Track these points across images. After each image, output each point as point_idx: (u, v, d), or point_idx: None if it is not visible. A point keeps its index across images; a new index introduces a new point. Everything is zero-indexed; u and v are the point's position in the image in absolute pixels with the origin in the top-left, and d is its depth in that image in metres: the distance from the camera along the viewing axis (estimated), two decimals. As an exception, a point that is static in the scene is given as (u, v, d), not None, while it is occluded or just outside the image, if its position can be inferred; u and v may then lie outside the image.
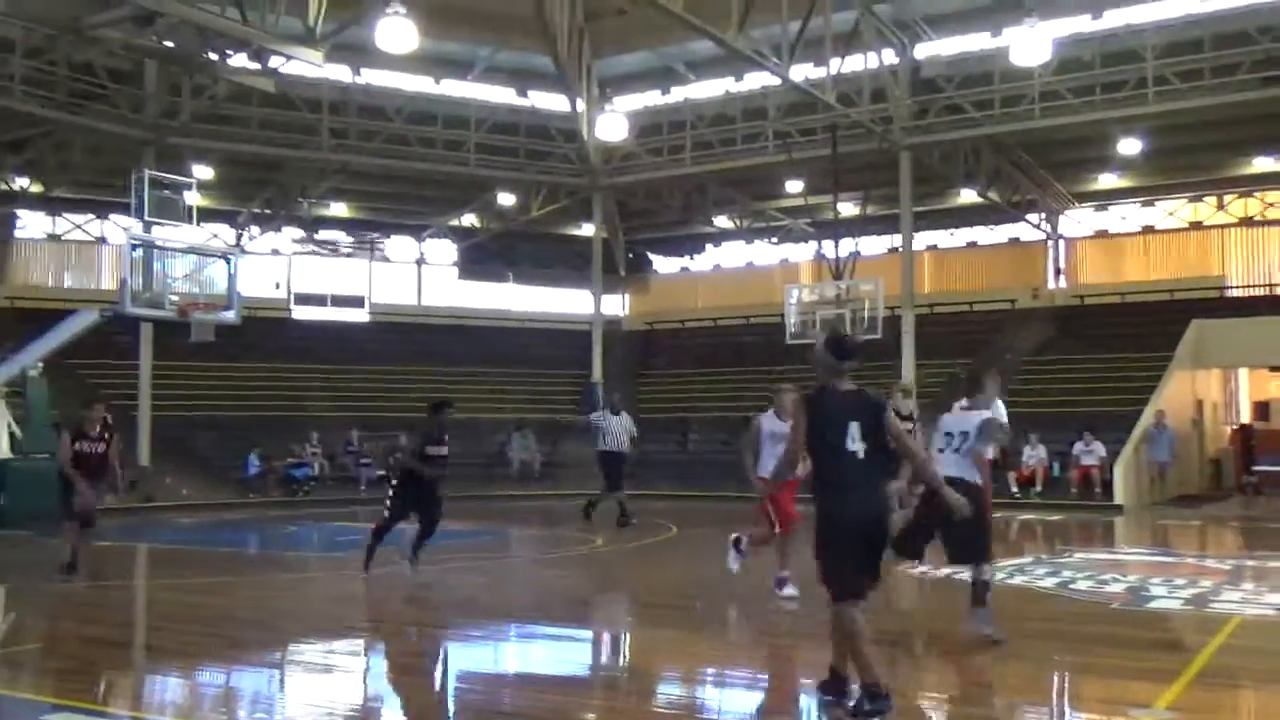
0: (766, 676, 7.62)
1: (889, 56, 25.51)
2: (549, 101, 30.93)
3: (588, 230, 33.19)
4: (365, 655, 8.52)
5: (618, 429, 17.36)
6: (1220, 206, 31.91)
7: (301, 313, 32.69)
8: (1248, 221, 31.73)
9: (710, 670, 7.62)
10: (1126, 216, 33.28)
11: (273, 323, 30.53)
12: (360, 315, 33.84)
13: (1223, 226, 32.12)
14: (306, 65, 21.10)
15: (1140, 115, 24.38)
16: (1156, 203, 32.64)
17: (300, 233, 33.86)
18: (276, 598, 10.95)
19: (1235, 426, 28.48)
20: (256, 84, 21.98)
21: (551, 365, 31.82)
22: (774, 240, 36.04)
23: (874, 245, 32.63)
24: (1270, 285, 30.76)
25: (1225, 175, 30.49)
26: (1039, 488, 22.47)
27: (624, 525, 16.78)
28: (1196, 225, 32.41)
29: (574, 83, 28.05)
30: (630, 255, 36.04)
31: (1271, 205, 31.07)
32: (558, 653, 8.54)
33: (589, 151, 29.87)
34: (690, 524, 17.96)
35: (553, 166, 31.05)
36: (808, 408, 5.93)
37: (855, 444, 5.73)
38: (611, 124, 26.64)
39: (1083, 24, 24.47)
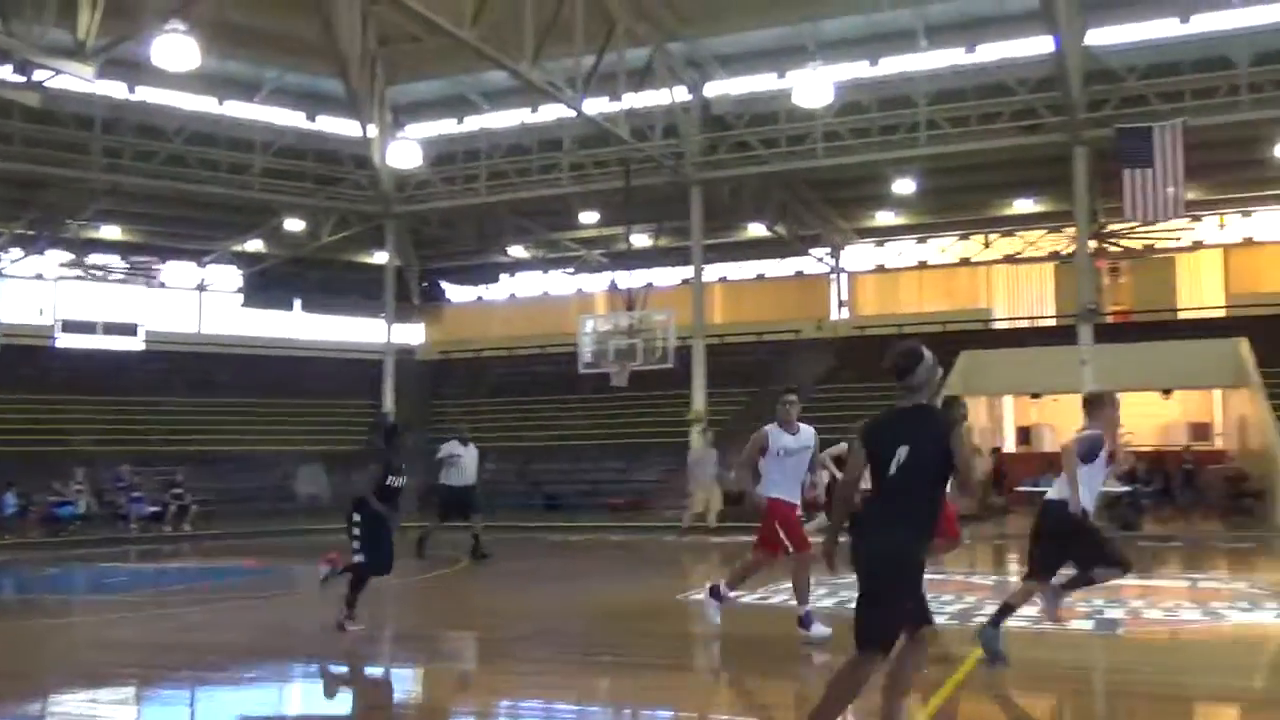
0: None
1: (681, 93, 26.18)
2: (340, 126, 30.32)
3: (380, 258, 32.62)
4: (135, 704, 8.03)
5: (469, 461, 16.68)
6: (987, 244, 34.05)
7: (68, 341, 30.85)
8: (1011, 259, 33.95)
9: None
10: (903, 252, 35.09)
11: (35, 351, 28.67)
12: (134, 343, 32.16)
13: (989, 263, 34.30)
14: (76, 80, 19.99)
15: (913, 157, 25.84)
16: (930, 240, 34.56)
17: (68, 256, 31.96)
18: (31, 645, 10.20)
19: (1002, 450, 30.29)
20: (19, 98, 20.66)
21: (340, 395, 31.04)
22: (569, 270, 36.29)
23: (667, 277, 33.32)
24: (1032, 318, 32.94)
25: (991, 215, 32.58)
26: (822, 513, 23.25)
27: (482, 558, 16.28)
28: (966, 261, 34.48)
29: (366, 108, 27.58)
30: (424, 284, 35.63)
31: (1032, 244, 33.32)
32: (319, 693, 8.27)
33: (381, 178, 29.39)
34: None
35: (343, 193, 30.42)
36: (861, 435, 5.31)
37: (895, 470, 5.02)
38: (404, 151, 26.32)
39: (862, 70, 25.76)
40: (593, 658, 8.86)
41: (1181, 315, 31.80)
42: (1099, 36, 23.49)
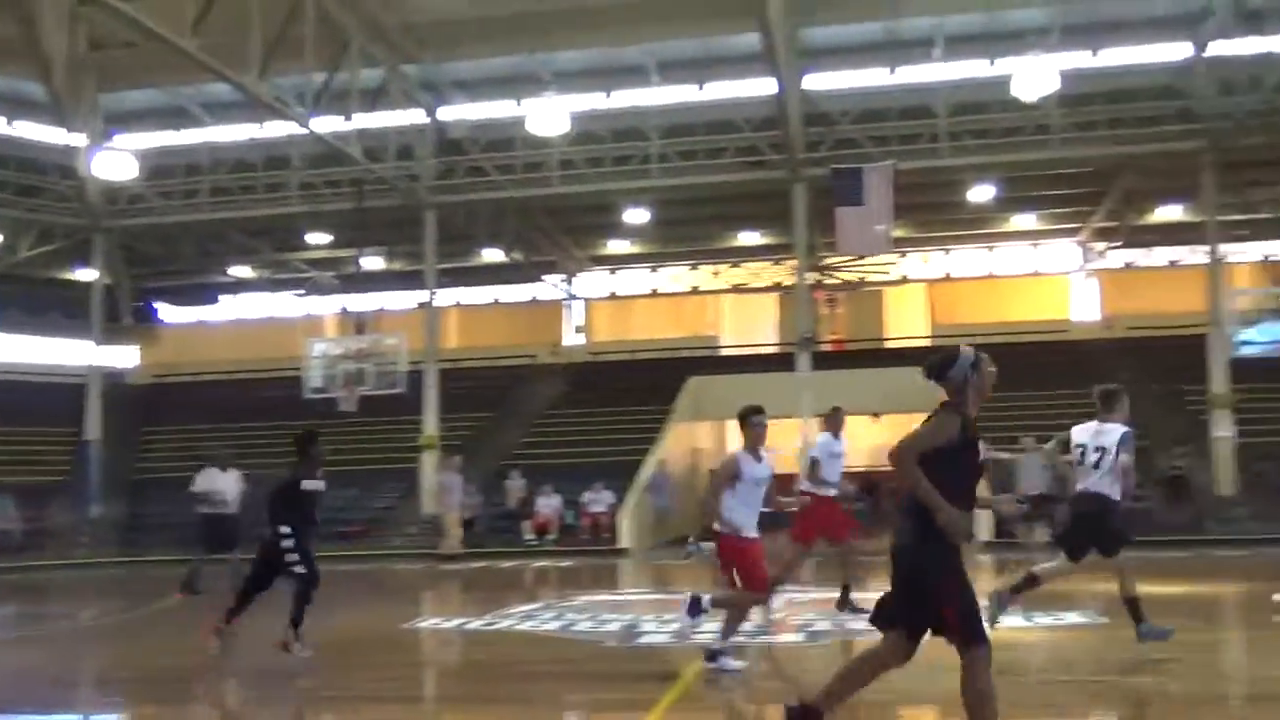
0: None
1: (416, 116, 25.87)
2: (43, 133, 28.13)
3: (87, 275, 30.41)
4: None
5: (228, 488, 15.61)
6: (716, 274, 35.38)
7: None
8: (738, 288, 35.41)
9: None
10: (635, 280, 35.95)
11: None
12: None
13: (717, 292, 35.65)
14: None
15: (646, 188, 26.56)
16: (661, 268, 35.57)
17: None
18: None
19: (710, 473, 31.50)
20: None
21: (38, 422, 28.66)
22: (299, 292, 35.07)
23: (400, 300, 32.73)
24: (756, 345, 34.43)
25: (719, 246, 33.88)
26: (554, 535, 23.44)
27: (194, 592, 15.05)
28: (695, 290, 35.70)
29: (71, 115, 25.75)
30: (137, 303, 33.50)
31: (757, 275, 34.85)
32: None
33: (88, 190, 27.48)
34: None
35: (46, 204, 28.25)
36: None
37: None
38: (116, 162, 24.69)
39: (597, 101, 26.28)
40: (313, 692, 8.54)
41: (890, 344, 34.06)
42: (816, 81, 24.94)
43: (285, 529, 9.17)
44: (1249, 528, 21.25)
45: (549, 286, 34.98)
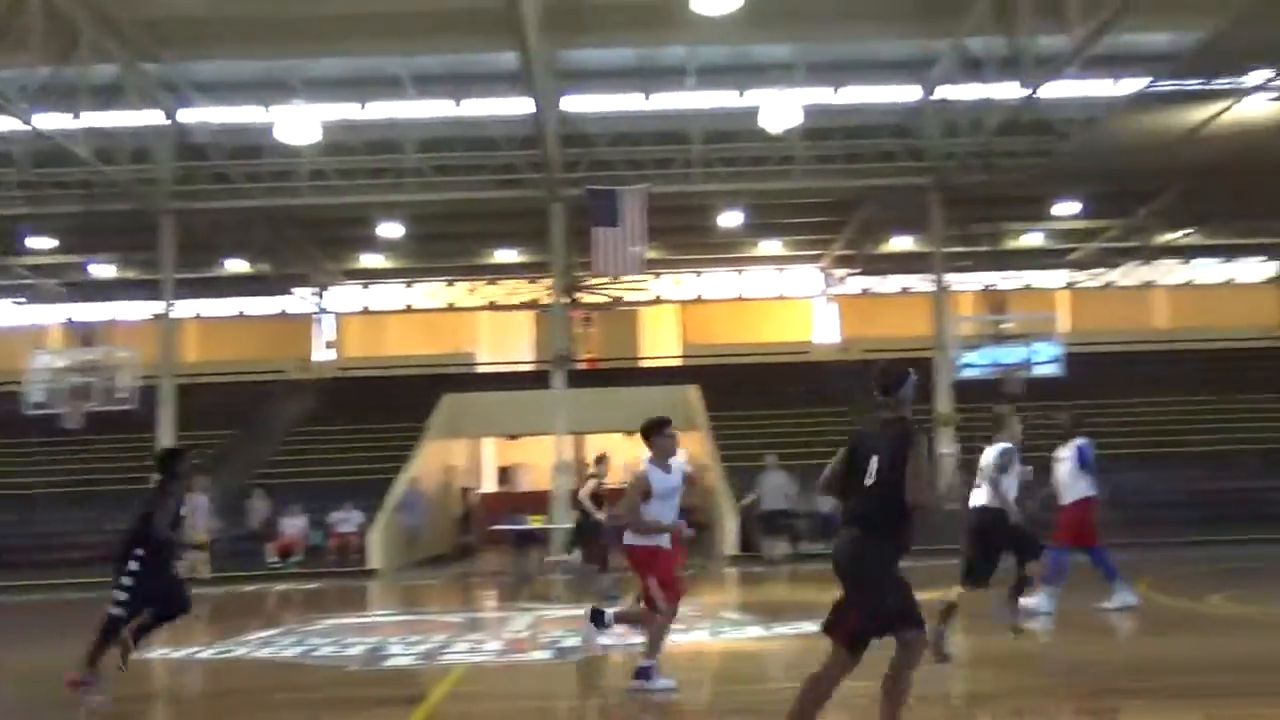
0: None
1: (154, 116, 24.49)
2: None
3: None
4: None
5: None
6: (472, 290, 35.16)
7: None
8: (494, 306, 35.31)
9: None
10: (390, 295, 35.28)
11: None
12: None
13: (474, 309, 35.43)
14: None
15: (401, 202, 26.12)
16: (416, 284, 35.05)
17: None
18: None
19: (471, 490, 31.29)
20: None
21: None
22: (19, 300, 32.53)
23: (134, 311, 30.84)
24: (512, 363, 34.42)
25: (476, 263, 33.67)
26: (299, 557, 22.61)
27: None
28: (451, 307, 35.36)
29: None
30: None
31: (514, 292, 34.86)
32: None
33: None
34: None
35: None
36: (847, 444, 5.57)
37: (871, 479, 5.35)
38: None
39: (351, 111, 25.63)
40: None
41: (643, 363, 34.78)
42: (575, 103, 25.23)
43: (134, 564, 8.45)
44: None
45: (298, 300, 33.83)
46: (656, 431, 8.29)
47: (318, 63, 23.58)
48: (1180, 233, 30.40)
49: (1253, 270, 34.79)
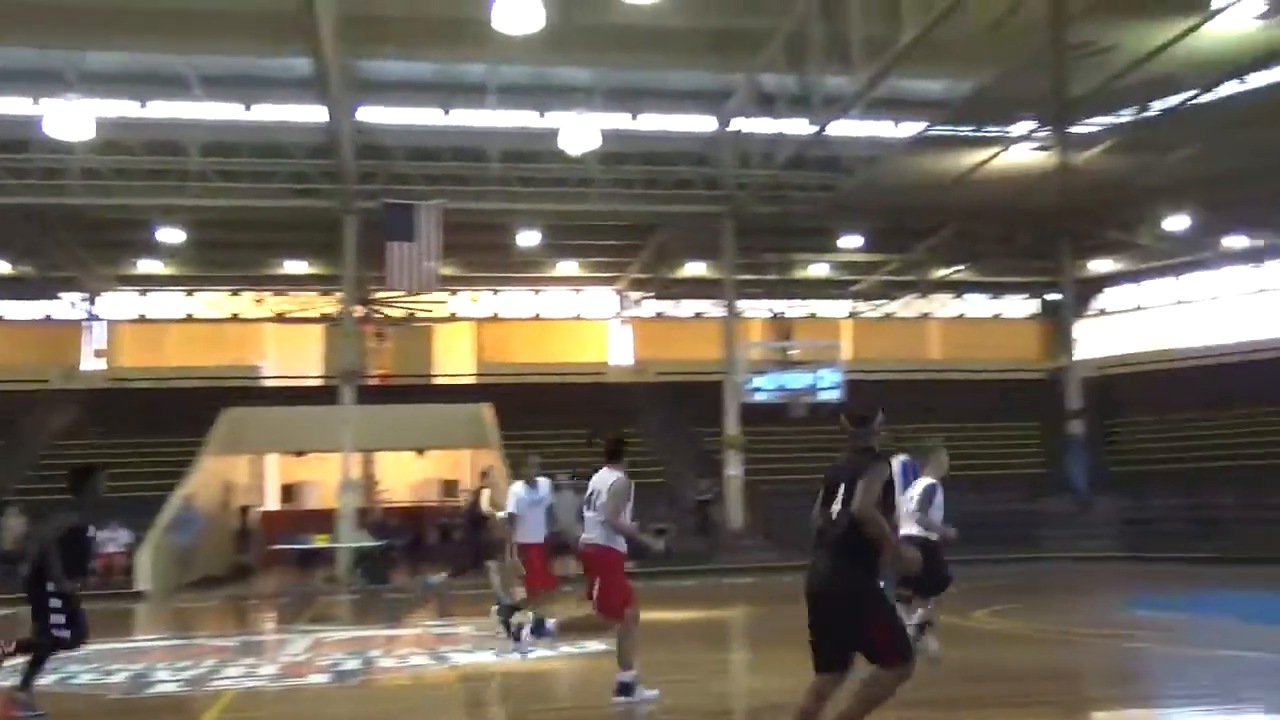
0: None
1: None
2: None
3: None
4: None
5: None
6: (259, 301, 33.89)
7: None
8: (282, 317, 34.13)
9: None
10: (169, 303, 33.64)
11: None
12: None
13: (260, 320, 34.14)
14: None
15: (182, 206, 24.98)
16: (198, 292, 33.54)
17: None
18: None
19: (251, 508, 30.13)
20: None
21: None
22: None
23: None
24: (300, 377, 33.35)
25: (263, 273, 32.49)
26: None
27: None
28: (236, 317, 33.98)
29: None
30: None
31: (304, 304, 33.80)
32: None
33: None
34: None
35: None
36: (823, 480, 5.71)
37: (838, 506, 5.50)
38: None
39: (129, 108, 24.34)
40: None
41: (437, 381, 34.30)
42: (371, 114, 24.74)
43: (53, 587, 7.96)
44: (757, 557, 23.42)
45: (66, 305, 31.83)
46: (624, 446, 8.49)
47: (96, 56, 22.31)
48: (953, 269, 32.27)
49: (1018, 306, 37.21)
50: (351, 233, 24.73)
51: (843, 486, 5.48)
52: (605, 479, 8.28)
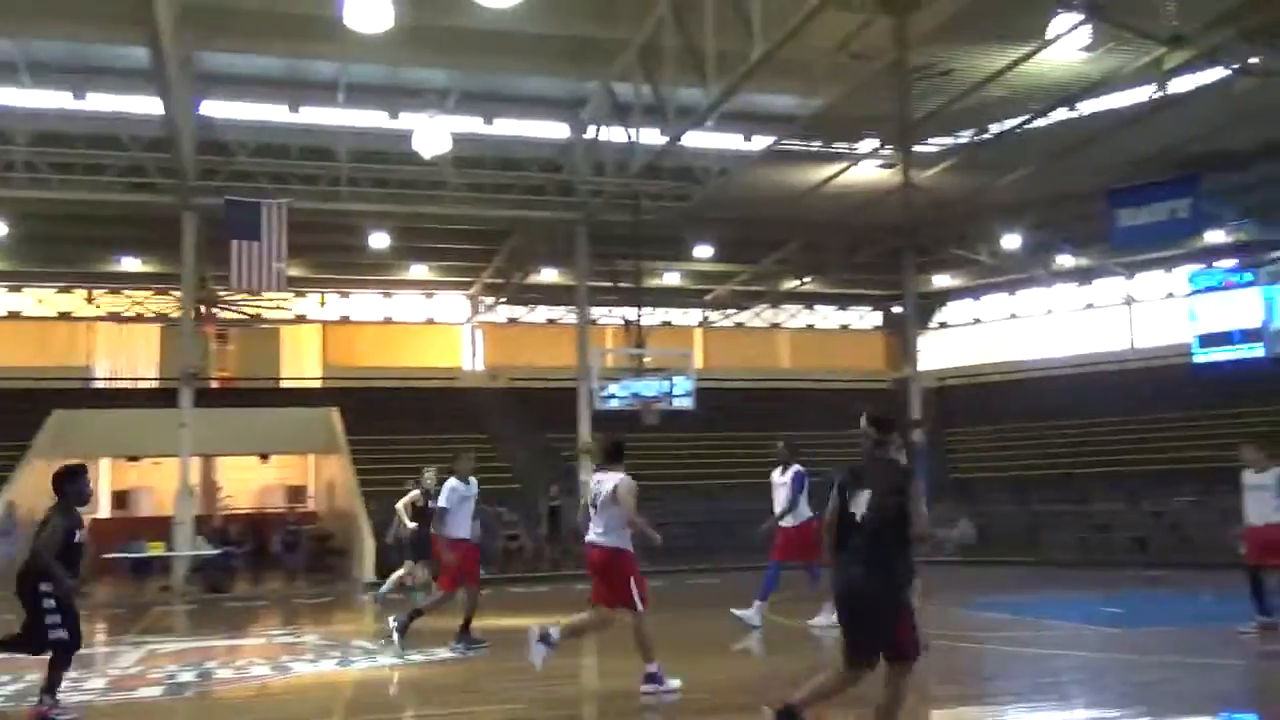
0: None
1: None
2: None
3: None
4: None
5: None
6: (90, 299, 32.41)
7: None
8: (116, 317, 32.70)
9: None
10: (-8, 300, 31.91)
11: None
12: None
13: (92, 319, 32.64)
14: None
15: (7, 199, 23.73)
16: (25, 289, 31.89)
17: None
18: None
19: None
20: None
21: None
22: None
23: None
24: (135, 379, 32.01)
25: (96, 270, 31.08)
26: None
27: None
28: (66, 316, 32.41)
29: None
30: None
31: (139, 304, 32.46)
32: None
33: None
34: None
35: None
36: (840, 479, 6.08)
37: (864, 512, 5.86)
38: None
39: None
40: None
41: (283, 384, 33.37)
42: (214, 108, 23.96)
43: (46, 586, 7.97)
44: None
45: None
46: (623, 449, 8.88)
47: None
48: (802, 281, 33.03)
49: (864, 318, 38.32)
50: (191, 230, 23.82)
51: (868, 494, 5.88)
52: (609, 480, 8.54)
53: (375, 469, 25.07)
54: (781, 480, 12.79)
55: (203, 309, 29.34)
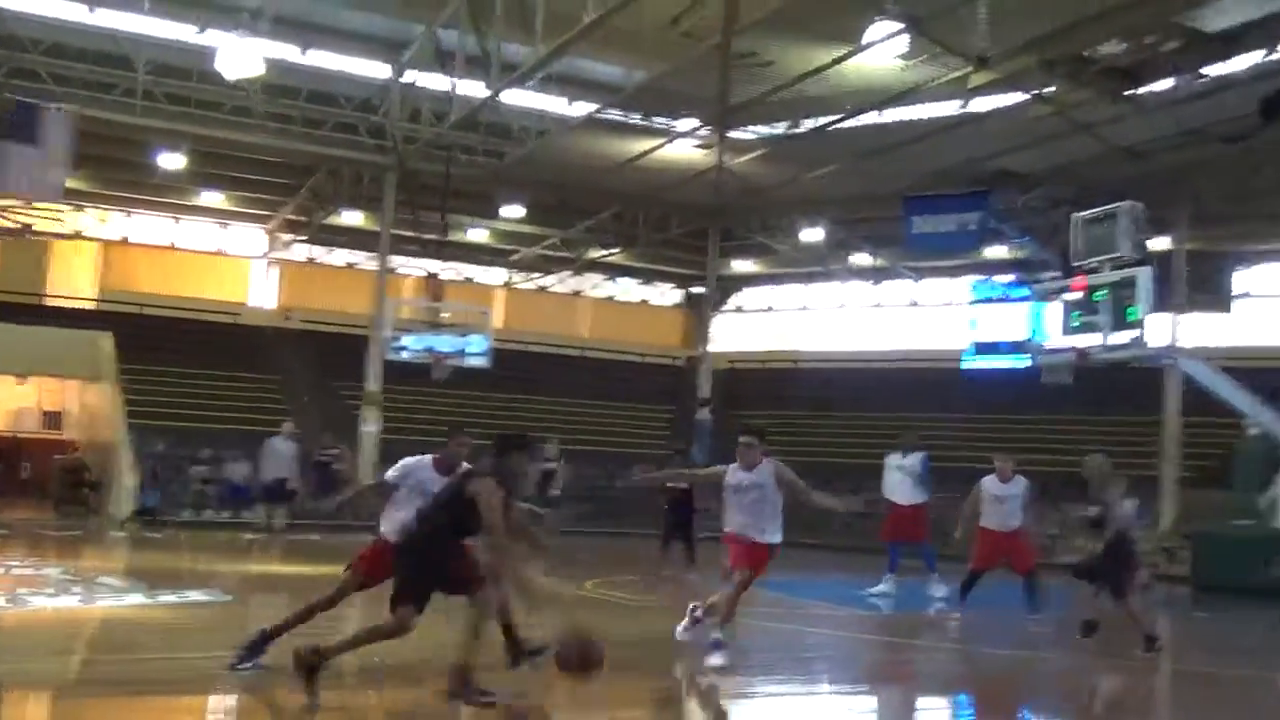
0: None
1: None
2: None
3: None
4: None
5: None
6: None
7: None
8: None
9: None
10: None
11: None
12: None
13: None
14: None
15: None
16: None
17: None
18: None
19: None
20: None
21: None
22: None
23: None
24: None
25: None
26: None
27: None
28: None
29: None
30: None
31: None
32: None
33: None
34: None
35: None
36: None
37: None
38: None
39: None
40: None
41: (50, 302, 31.24)
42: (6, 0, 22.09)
43: None
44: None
45: None
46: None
47: None
48: (608, 251, 33.20)
49: (665, 295, 38.81)
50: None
51: None
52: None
53: (146, 401, 23.84)
54: (902, 463, 14.11)
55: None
